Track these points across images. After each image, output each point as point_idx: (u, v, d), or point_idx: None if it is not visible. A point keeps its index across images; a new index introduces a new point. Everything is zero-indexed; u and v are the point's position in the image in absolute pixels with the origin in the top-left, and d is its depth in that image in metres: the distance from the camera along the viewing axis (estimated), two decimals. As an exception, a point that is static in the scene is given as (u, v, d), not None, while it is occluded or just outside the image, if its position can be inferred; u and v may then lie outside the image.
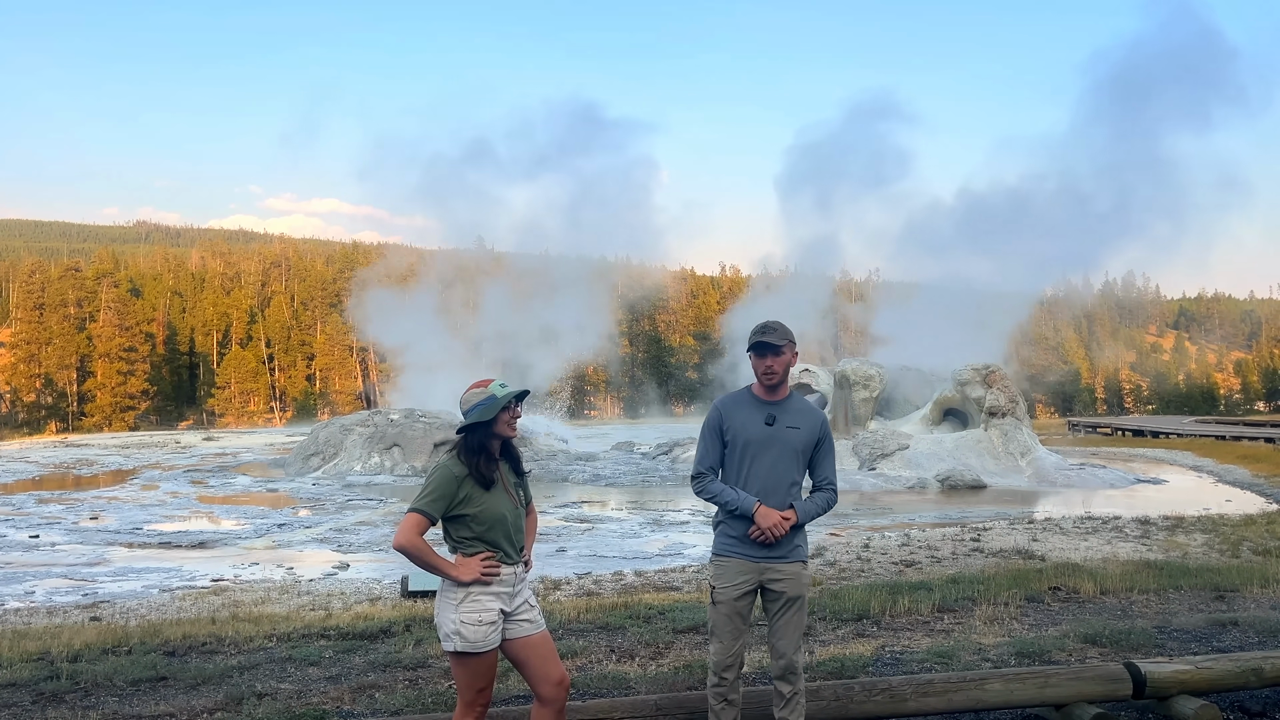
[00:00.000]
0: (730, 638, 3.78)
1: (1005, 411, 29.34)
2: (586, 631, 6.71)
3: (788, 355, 3.81)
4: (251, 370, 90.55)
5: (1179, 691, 4.47)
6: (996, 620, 6.76)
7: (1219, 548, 12.63)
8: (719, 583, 3.82)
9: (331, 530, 18.24)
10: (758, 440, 3.79)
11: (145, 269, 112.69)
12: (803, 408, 3.90)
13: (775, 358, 3.78)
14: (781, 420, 3.81)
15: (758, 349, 3.80)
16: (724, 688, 3.79)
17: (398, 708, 4.86)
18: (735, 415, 3.87)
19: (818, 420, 3.89)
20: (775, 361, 3.78)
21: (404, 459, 30.95)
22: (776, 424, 3.80)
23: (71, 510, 21.94)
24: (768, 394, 3.87)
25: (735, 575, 3.79)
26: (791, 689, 3.77)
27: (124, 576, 13.51)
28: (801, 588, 3.80)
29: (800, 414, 3.86)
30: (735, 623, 3.79)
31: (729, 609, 3.78)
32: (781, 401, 3.86)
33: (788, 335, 3.83)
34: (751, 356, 3.84)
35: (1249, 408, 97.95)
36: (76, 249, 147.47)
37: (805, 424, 3.84)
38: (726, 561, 3.82)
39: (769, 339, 3.78)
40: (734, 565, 3.79)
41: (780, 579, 3.77)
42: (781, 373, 3.81)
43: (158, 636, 6.98)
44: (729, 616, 3.78)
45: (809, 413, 3.90)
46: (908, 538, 14.90)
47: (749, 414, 3.85)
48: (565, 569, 13.11)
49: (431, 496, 3.40)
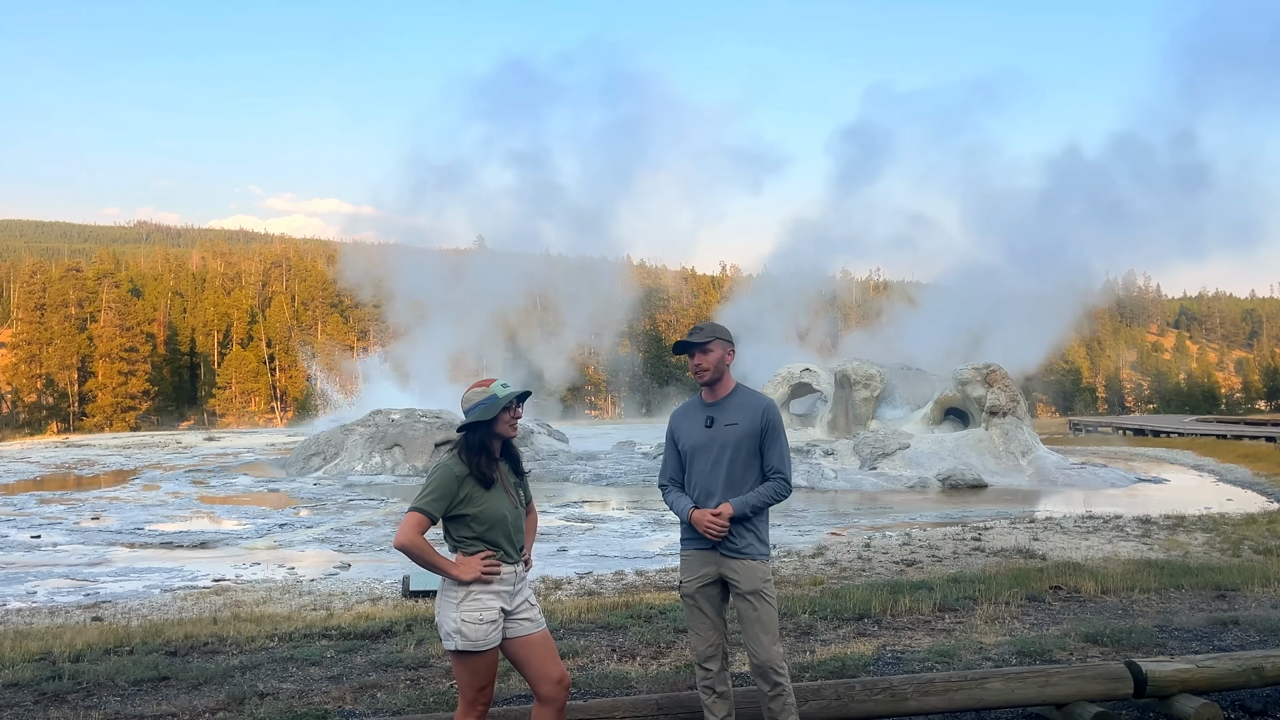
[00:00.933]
0: (705, 628, 3.81)
1: (1006, 411, 29.33)
2: (587, 631, 6.72)
3: (717, 352, 3.82)
4: (252, 370, 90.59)
5: (1180, 690, 4.47)
6: (997, 619, 6.76)
7: (1220, 547, 12.62)
8: (684, 575, 3.89)
9: (333, 530, 18.25)
10: (698, 444, 3.83)
11: (146, 269, 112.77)
12: (744, 401, 3.88)
13: (703, 355, 3.81)
14: (720, 419, 3.82)
15: (681, 349, 3.85)
16: (710, 679, 3.80)
17: (399, 707, 4.87)
18: (682, 423, 3.95)
19: (759, 409, 3.84)
20: (703, 359, 3.81)
21: (405, 459, 30.96)
22: (715, 424, 3.82)
23: (73, 510, 21.95)
24: (709, 394, 3.90)
25: (696, 567, 3.83)
26: (772, 686, 3.73)
27: (126, 576, 13.52)
28: (755, 583, 3.75)
29: (740, 409, 3.84)
30: (706, 612, 3.81)
31: (694, 600, 3.83)
32: (722, 400, 3.87)
33: (715, 332, 3.86)
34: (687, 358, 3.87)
35: (1250, 407, 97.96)
36: (77, 249, 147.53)
37: (744, 417, 3.81)
38: (687, 555, 3.89)
39: (691, 338, 3.83)
40: (694, 558, 3.85)
41: (733, 575, 3.78)
42: (713, 369, 3.83)
43: (159, 636, 6.98)
44: (696, 608, 3.83)
45: (749, 405, 3.86)
46: (909, 537, 14.89)
47: (693, 419, 3.90)
48: (566, 569, 13.11)
49: (432, 496, 3.40)
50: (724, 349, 3.84)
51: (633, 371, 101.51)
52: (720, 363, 3.83)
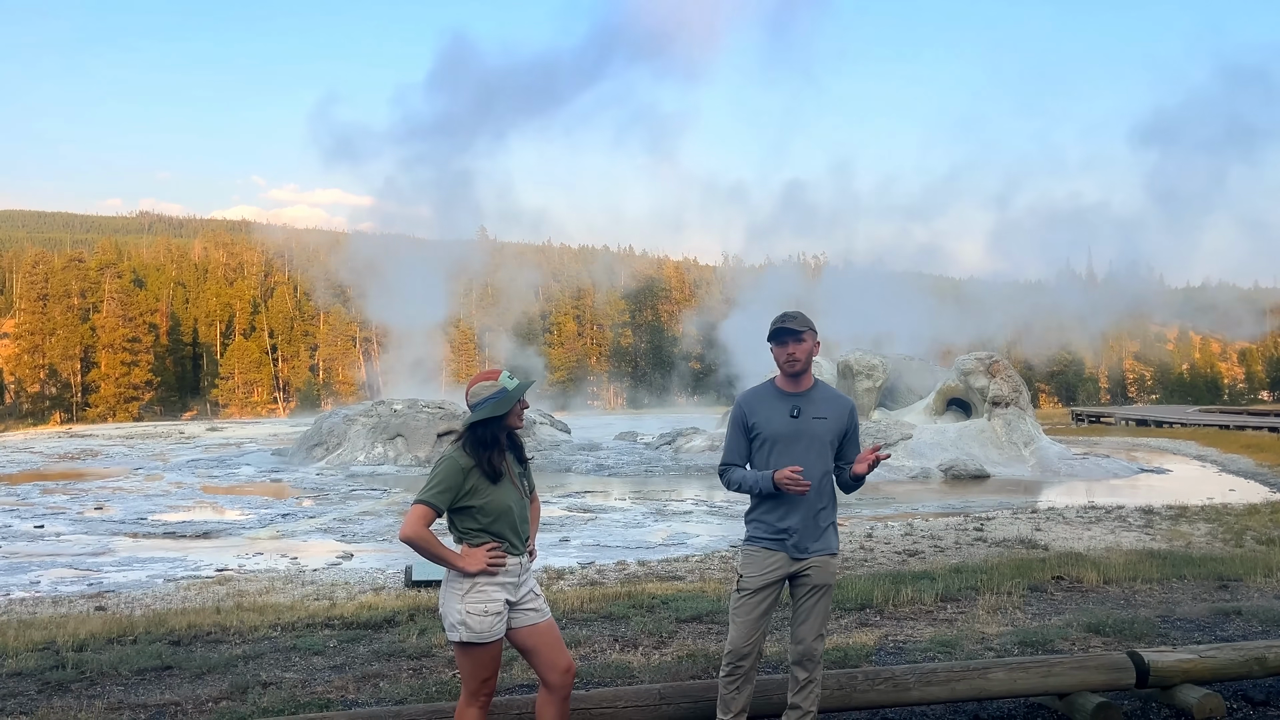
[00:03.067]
0: (752, 626, 3.76)
1: (1008, 401, 29.31)
2: (590, 621, 6.72)
3: (809, 342, 3.75)
4: (255, 361, 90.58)
5: (1182, 681, 4.47)
6: (1000, 610, 6.76)
7: (1223, 537, 12.62)
8: (746, 570, 3.79)
9: (335, 520, 18.28)
10: (783, 434, 3.74)
11: (148, 260, 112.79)
12: (829, 396, 3.85)
13: (797, 344, 3.72)
14: (807, 411, 3.75)
15: (778, 336, 3.74)
16: (739, 676, 3.77)
17: (402, 697, 4.87)
18: (759, 409, 3.81)
19: (846, 408, 3.84)
20: (798, 349, 3.72)
21: (407, 449, 30.99)
22: (802, 415, 3.74)
23: (76, 500, 22.00)
24: (791, 385, 3.80)
25: (764, 565, 3.76)
26: (808, 675, 3.78)
27: (129, 566, 13.56)
28: (829, 577, 3.79)
29: (827, 403, 3.81)
30: (759, 611, 3.76)
31: (755, 597, 3.75)
32: (806, 392, 3.80)
33: (808, 323, 3.78)
34: (773, 346, 3.78)
35: (1253, 397, 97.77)
36: (79, 240, 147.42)
37: (833, 413, 3.79)
38: (755, 552, 3.79)
39: (790, 325, 3.72)
40: (763, 556, 3.77)
41: (808, 570, 3.76)
42: (805, 360, 3.75)
43: (163, 626, 6.99)
44: (754, 605, 3.75)
45: (836, 400, 3.85)
46: (911, 527, 14.91)
47: (773, 407, 3.80)
48: (569, 559, 13.14)
49: (438, 488, 3.39)
50: (814, 340, 3.78)
51: (635, 362, 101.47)
52: (810, 354, 3.78)
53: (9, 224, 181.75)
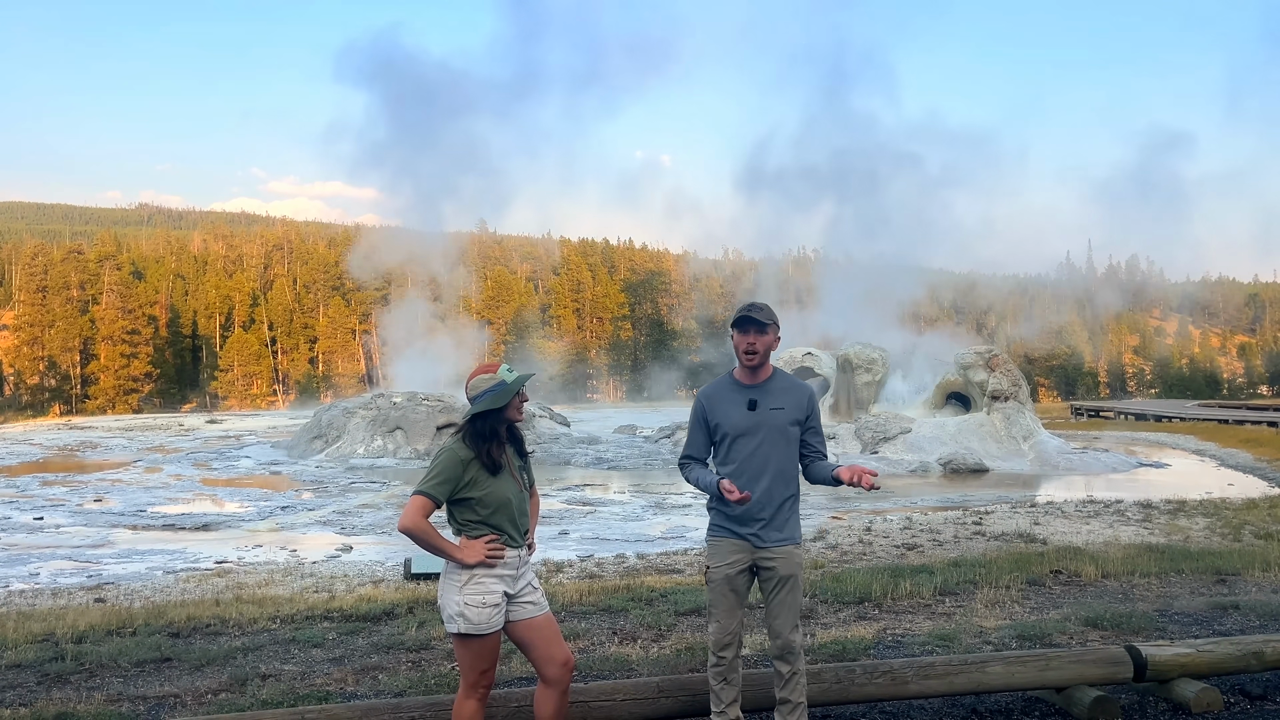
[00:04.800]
0: (726, 616, 3.79)
1: (1008, 395, 29.32)
2: (588, 614, 6.73)
3: (771, 335, 3.77)
4: (254, 353, 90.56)
5: (1180, 674, 4.48)
6: (998, 603, 6.77)
7: (1221, 531, 12.63)
8: (711, 561, 3.84)
9: (335, 513, 18.29)
10: (742, 427, 3.76)
11: (148, 252, 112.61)
12: (786, 386, 3.85)
13: (759, 335, 3.73)
14: (764, 403, 3.77)
15: (740, 324, 3.75)
16: (723, 667, 3.80)
17: (401, 689, 4.88)
18: (719, 404, 3.84)
19: (804, 395, 3.85)
20: (758, 340, 3.73)
21: (407, 442, 31.00)
22: (759, 408, 3.76)
23: (75, 492, 22.01)
24: (749, 376, 3.82)
25: (727, 554, 3.79)
26: (790, 668, 3.78)
27: (128, 558, 13.57)
28: (794, 567, 3.79)
29: (784, 393, 3.81)
30: (730, 601, 3.79)
31: (723, 587, 3.79)
32: (764, 383, 3.81)
33: (773, 316, 3.79)
34: (734, 334, 3.78)
35: (1252, 392, 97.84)
36: (79, 232, 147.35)
37: (790, 403, 3.79)
38: (719, 542, 3.83)
39: (754, 315, 3.73)
40: (726, 544, 3.81)
41: (771, 560, 3.77)
42: (763, 353, 3.76)
43: (162, 618, 7.00)
44: (724, 595, 3.79)
45: (794, 390, 3.85)
46: (910, 521, 14.92)
47: (731, 400, 3.81)
48: (568, 552, 13.15)
49: (437, 480, 3.40)
50: (776, 334, 3.79)
51: (634, 356, 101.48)
52: (769, 347, 3.79)
53: (8, 216, 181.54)
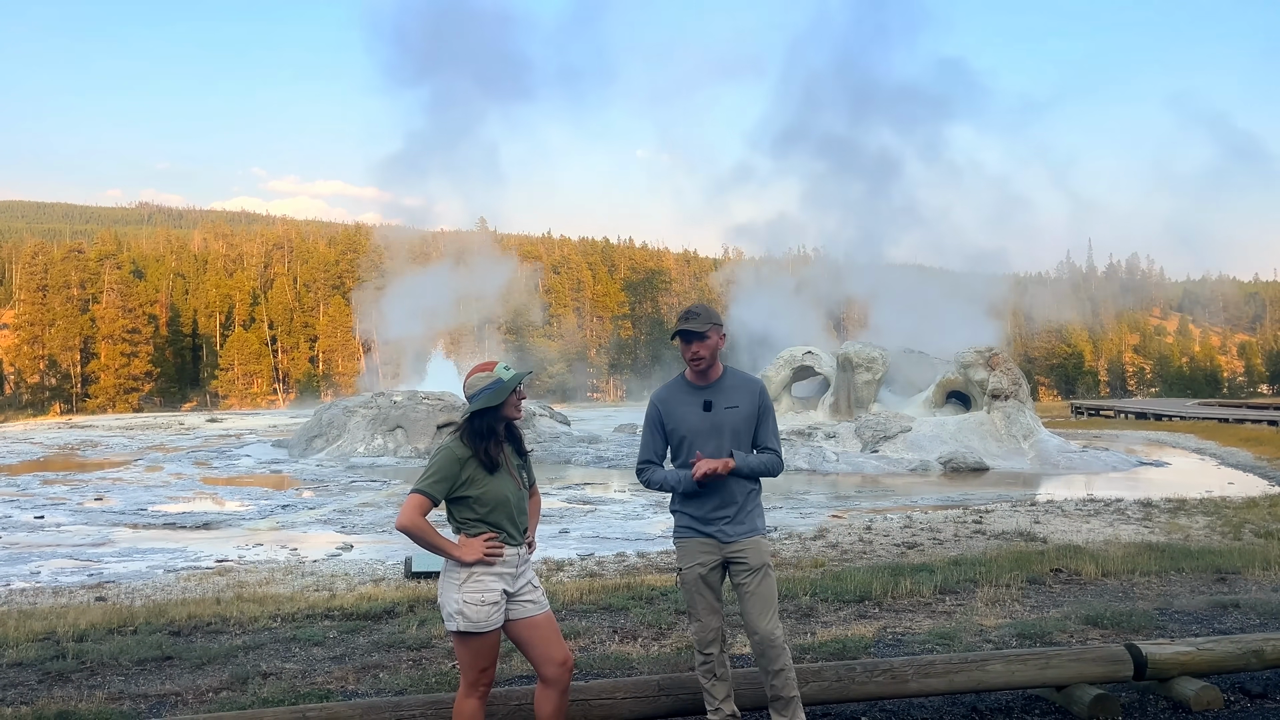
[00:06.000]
0: (705, 613, 3.82)
1: (1008, 394, 29.31)
2: (589, 612, 6.73)
3: (713, 339, 3.80)
4: (254, 352, 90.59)
5: (1180, 673, 4.48)
6: (998, 602, 6.77)
7: (1221, 530, 12.63)
8: (683, 563, 3.88)
9: (335, 511, 18.30)
10: (698, 429, 3.80)
11: (148, 251, 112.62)
12: (738, 383, 3.89)
13: (700, 343, 3.77)
14: (719, 402, 3.81)
15: (682, 336, 3.79)
16: (710, 663, 3.84)
17: (402, 688, 4.89)
18: (673, 407, 3.88)
19: (755, 390, 3.88)
20: (701, 346, 3.78)
21: (407, 440, 31.01)
22: (714, 408, 3.80)
23: (76, 491, 22.03)
24: (700, 378, 3.86)
25: (696, 554, 3.83)
26: (776, 664, 3.76)
27: (129, 557, 13.57)
28: (764, 556, 3.82)
29: (736, 390, 3.85)
30: (706, 598, 3.82)
31: (696, 586, 3.83)
32: (715, 383, 3.85)
33: (711, 318, 3.82)
34: (678, 343, 3.83)
35: (1252, 390, 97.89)
36: (79, 231, 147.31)
37: (743, 399, 3.83)
38: (686, 542, 3.87)
39: (690, 326, 3.77)
40: (693, 544, 3.84)
41: (741, 553, 3.79)
42: (709, 357, 3.81)
43: (163, 616, 7.01)
44: (698, 593, 3.83)
45: (745, 386, 3.88)
46: (910, 520, 14.92)
47: (685, 403, 3.85)
48: (568, 550, 13.15)
49: (434, 478, 3.40)
50: (718, 334, 3.82)
51: (635, 355, 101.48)
52: (715, 349, 3.82)
53: (8, 215, 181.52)
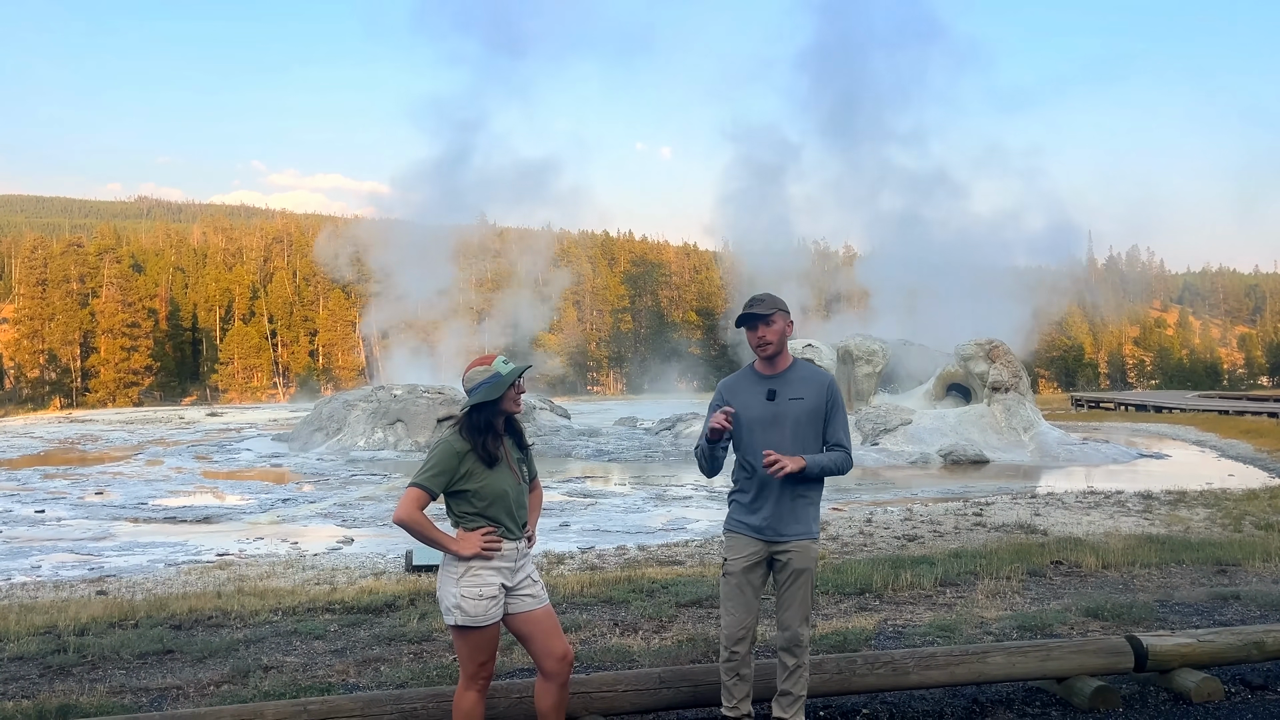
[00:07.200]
0: (741, 610, 3.77)
1: (1008, 386, 29.32)
2: (590, 606, 6.74)
3: (780, 324, 3.74)
4: (254, 346, 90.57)
5: (1180, 665, 4.49)
6: (998, 594, 6.78)
7: (1221, 522, 12.64)
8: (729, 555, 3.82)
9: (336, 505, 18.32)
10: (760, 418, 3.73)
11: (147, 245, 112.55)
12: (806, 375, 3.82)
13: (766, 327, 3.71)
14: (784, 393, 3.74)
15: (746, 321, 3.74)
16: (735, 661, 3.78)
17: (403, 681, 4.89)
18: (738, 394, 3.81)
19: (824, 384, 3.80)
20: (767, 331, 3.72)
21: (407, 434, 31.02)
22: (778, 398, 3.73)
23: (77, 485, 22.05)
24: (767, 367, 3.80)
25: (744, 548, 3.78)
26: (796, 661, 3.77)
27: (130, 551, 13.59)
28: (808, 561, 3.76)
29: (803, 382, 3.78)
30: (746, 595, 3.77)
31: (738, 580, 3.77)
32: (783, 374, 3.79)
33: (777, 304, 3.77)
34: (745, 331, 3.77)
35: (1252, 382, 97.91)
36: (78, 225, 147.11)
37: (810, 392, 3.76)
38: (736, 537, 3.82)
39: (755, 309, 3.72)
40: (742, 540, 3.79)
41: (788, 554, 3.74)
42: (776, 342, 3.74)
43: (164, 610, 7.01)
44: (739, 588, 3.77)
45: (813, 379, 3.81)
46: (910, 512, 14.94)
47: (750, 391, 3.79)
48: (569, 544, 13.17)
49: (433, 472, 3.39)
50: (785, 320, 3.75)
51: (635, 348, 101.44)
52: (783, 335, 3.75)
53: (8, 209, 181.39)
